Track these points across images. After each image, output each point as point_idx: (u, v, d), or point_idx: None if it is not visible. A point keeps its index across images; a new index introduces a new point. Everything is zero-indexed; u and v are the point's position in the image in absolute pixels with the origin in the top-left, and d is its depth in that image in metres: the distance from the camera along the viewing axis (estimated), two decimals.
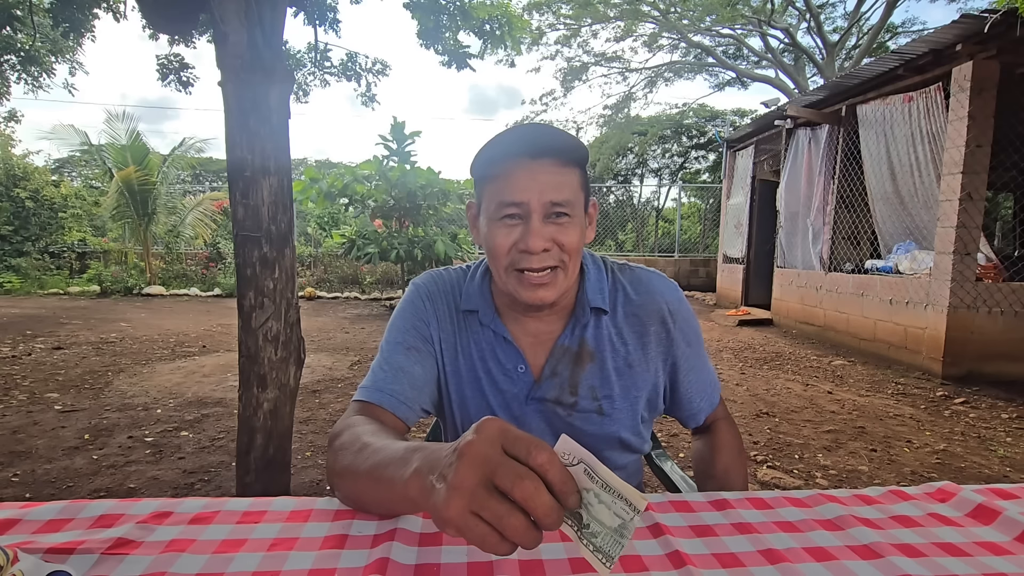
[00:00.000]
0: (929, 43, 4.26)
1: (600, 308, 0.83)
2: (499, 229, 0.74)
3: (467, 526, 0.39)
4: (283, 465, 1.96)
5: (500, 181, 0.73)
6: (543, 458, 0.40)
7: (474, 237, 0.82)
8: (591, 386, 0.82)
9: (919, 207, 4.81)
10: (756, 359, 4.97)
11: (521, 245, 0.72)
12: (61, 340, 5.35)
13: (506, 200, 0.73)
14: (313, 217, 10.48)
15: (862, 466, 2.61)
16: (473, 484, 0.39)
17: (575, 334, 0.83)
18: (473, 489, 0.39)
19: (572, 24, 14.16)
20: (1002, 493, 0.69)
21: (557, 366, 0.82)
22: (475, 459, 0.40)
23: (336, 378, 4.09)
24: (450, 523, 0.39)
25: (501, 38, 3.21)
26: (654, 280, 0.87)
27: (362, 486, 0.58)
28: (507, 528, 0.39)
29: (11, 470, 2.44)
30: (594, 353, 0.82)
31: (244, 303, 1.84)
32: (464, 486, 0.39)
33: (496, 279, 0.79)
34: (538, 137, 0.72)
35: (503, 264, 0.75)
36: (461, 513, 0.39)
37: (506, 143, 0.72)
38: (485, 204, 0.77)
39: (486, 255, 0.79)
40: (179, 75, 3.14)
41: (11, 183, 10.60)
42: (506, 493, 0.39)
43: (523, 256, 0.73)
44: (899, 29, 13.75)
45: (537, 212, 0.72)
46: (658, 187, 16.54)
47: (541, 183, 0.72)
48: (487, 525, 0.39)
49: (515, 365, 0.82)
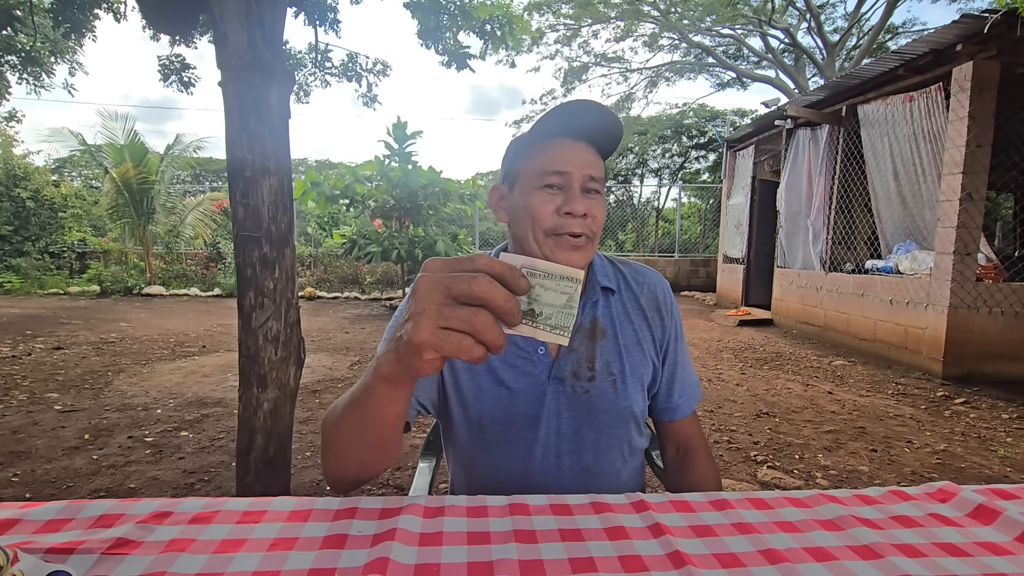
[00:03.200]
0: (929, 43, 4.26)
1: (608, 287, 0.88)
2: (541, 195, 0.78)
3: (441, 339, 0.43)
4: (283, 465, 1.97)
5: (543, 155, 0.79)
6: (483, 260, 0.44)
7: (499, 216, 0.86)
8: (606, 361, 0.85)
9: (921, 207, 4.81)
10: (756, 359, 4.97)
11: (566, 208, 0.77)
12: (61, 340, 5.35)
13: (550, 169, 0.78)
14: (313, 217, 10.49)
15: (862, 466, 2.61)
16: (434, 304, 0.43)
17: (587, 312, 0.86)
18: (436, 308, 0.43)
19: (572, 24, 14.15)
20: (1002, 493, 0.69)
21: (573, 342, 0.85)
22: (427, 286, 0.44)
23: (336, 378, 4.09)
24: (425, 344, 0.43)
25: (502, 38, 3.21)
26: (650, 272, 0.94)
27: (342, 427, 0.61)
28: (478, 325, 0.42)
29: (11, 470, 2.44)
30: (606, 330, 0.86)
31: (244, 303, 1.84)
32: (427, 309, 0.43)
33: (528, 247, 0.80)
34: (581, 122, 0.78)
35: (544, 227, 0.78)
36: (432, 331, 0.43)
37: (550, 123, 0.78)
38: (524, 177, 0.80)
39: (522, 224, 0.80)
40: (180, 75, 3.14)
41: (11, 183, 10.60)
42: (464, 297, 0.43)
43: (566, 220, 0.77)
44: (899, 29, 13.76)
45: (578, 182, 0.78)
46: (658, 187, 16.57)
47: (582, 159, 0.78)
48: (458, 332, 0.43)
49: (535, 347, 0.84)
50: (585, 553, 0.54)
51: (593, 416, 0.84)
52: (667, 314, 0.90)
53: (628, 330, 0.88)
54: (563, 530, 0.58)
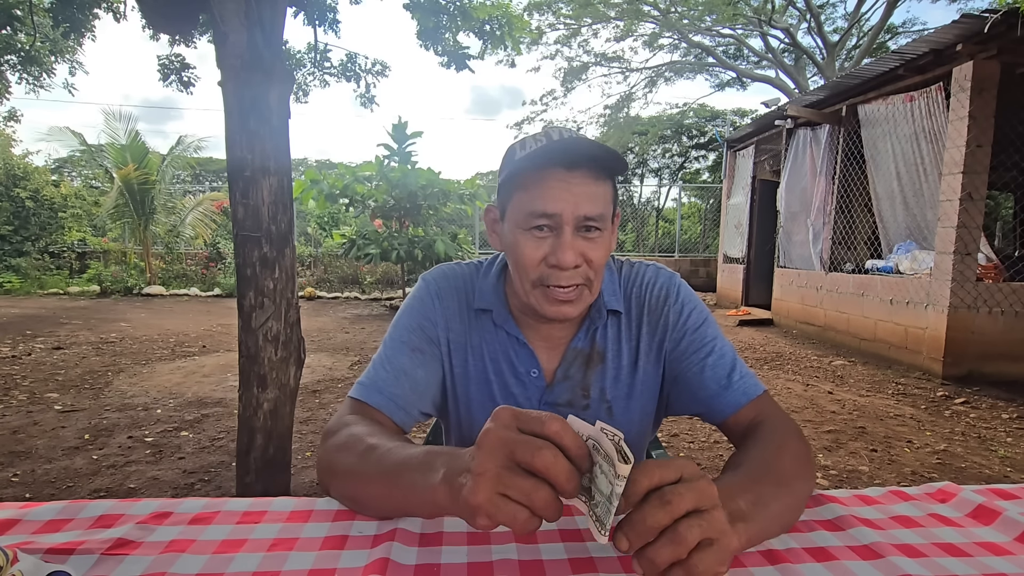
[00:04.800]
0: (929, 43, 4.26)
1: (615, 310, 0.82)
2: (528, 240, 0.70)
3: (497, 508, 0.41)
4: (283, 465, 1.97)
5: (532, 190, 0.69)
6: (556, 426, 0.42)
7: (492, 242, 0.80)
8: (601, 388, 0.81)
9: (922, 207, 4.81)
10: (756, 359, 4.97)
11: (552, 260, 0.69)
12: (61, 340, 5.35)
13: (538, 210, 0.68)
14: (313, 217, 10.48)
15: (862, 466, 2.61)
16: (496, 467, 0.41)
17: (588, 336, 0.82)
18: (497, 472, 0.41)
19: (572, 24, 14.15)
20: (1002, 493, 0.69)
21: (570, 369, 0.81)
22: (494, 443, 0.42)
23: (336, 378, 4.09)
24: (480, 509, 0.41)
25: (501, 38, 3.21)
26: (655, 273, 0.85)
27: (371, 490, 0.58)
28: (536, 501, 0.40)
29: (11, 470, 2.44)
30: (603, 354, 0.82)
31: (244, 303, 1.84)
32: (488, 471, 0.41)
33: (519, 290, 0.75)
34: (575, 147, 0.68)
35: (530, 277, 0.72)
36: (489, 497, 0.41)
37: (541, 151, 0.67)
38: (512, 211, 0.72)
39: (510, 265, 0.76)
40: (180, 75, 3.14)
41: (11, 183, 10.60)
42: (527, 466, 0.41)
43: (552, 272, 0.70)
44: (899, 29, 13.77)
45: (570, 225, 0.68)
46: (658, 187, 16.57)
47: (576, 195, 0.68)
48: (515, 503, 0.41)
49: (528, 369, 0.81)
50: (585, 553, 0.54)
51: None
52: (670, 309, 0.81)
53: (627, 350, 0.82)
54: (563, 530, 0.58)
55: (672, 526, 0.40)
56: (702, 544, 0.40)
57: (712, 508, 0.42)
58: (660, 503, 0.40)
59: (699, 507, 0.41)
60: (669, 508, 0.40)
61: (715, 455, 2.75)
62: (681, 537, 0.39)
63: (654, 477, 0.41)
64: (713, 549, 0.41)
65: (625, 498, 0.40)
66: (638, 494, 0.40)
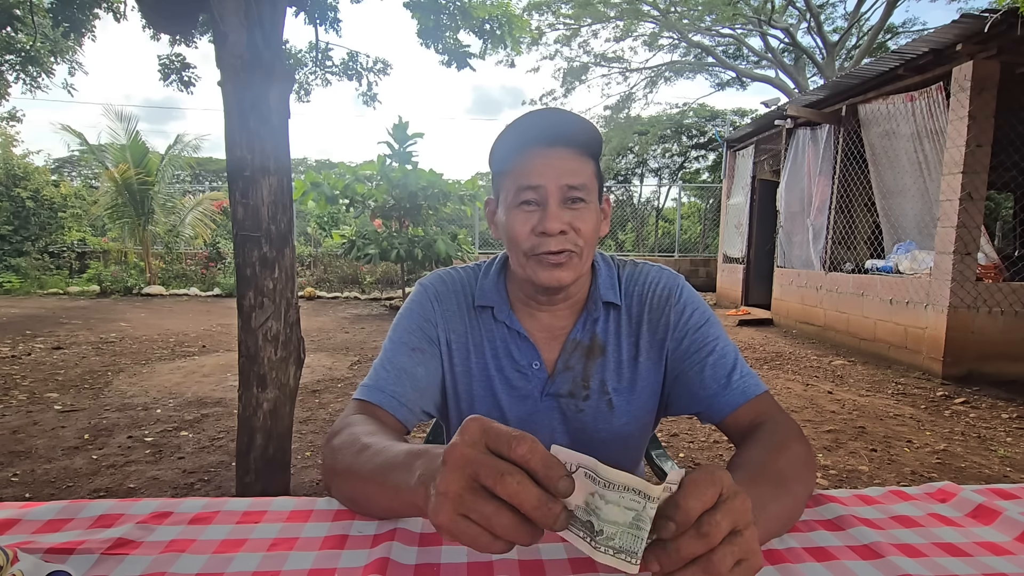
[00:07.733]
0: (929, 43, 4.26)
1: (611, 302, 0.83)
2: (518, 215, 0.75)
3: (459, 530, 0.39)
4: (283, 465, 1.97)
5: (517, 169, 0.75)
6: (523, 449, 0.38)
7: (493, 232, 0.83)
8: (601, 380, 0.82)
9: (922, 207, 4.81)
10: (756, 359, 4.97)
11: (539, 228, 0.73)
12: (61, 340, 5.35)
13: (523, 184, 0.73)
14: (313, 217, 10.48)
15: (862, 466, 2.61)
16: (458, 488, 0.39)
17: (587, 328, 0.83)
18: (459, 493, 0.39)
19: (572, 24, 14.15)
20: (1002, 493, 0.69)
21: (570, 360, 0.82)
22: (457, 463, 0.39)
23: (336, 378, 4.09)
24: (442, 528, 0.39)
25: (501, 38, 3.21)
26: (658, 274, 0.86)
27: (364, 489, 0.58)
28: (497, 528, 0.38)
29: (11, 470, 2.44)
30: (604, 346, 0.83)
31: (244, 303, 1.84)
32: (450, 491, 0.39)
33: (515, 267, 0.79)
34: (552, 125, 0.73)
35: (523, 249, 0.75)
36: (451, 518, 0.39)
37: (520, 132, 0.73)
38: (503, 195, 0.77)
39: (505, 245, 0.79)
40: (180, 75, 3.14)
41: (11, 183, 10.60)
42: (491, 490, 0.38)
43: (542, 240, 0.73)
44: (899, 29, 13.77)
45: (554, 196, 0.73)
46: (658, 187, 16.56)
47: (557, 168, 0.73)
48: (478, 526, 0.38)
49: (530, 362, 0.82)
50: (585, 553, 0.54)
51: (587, 434, 0.83)
52: (671, 309, 0.82)
53: (628, 345, 0.83)
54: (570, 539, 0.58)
55: (707, 554, 0.38)
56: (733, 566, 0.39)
57: (745, 528, 0.40)
58: (697, 535, 0.38)
59: (735, 528, 0.39)
60: (706, 540, 0.38)
61: (715, 455, 2.75)
62: (716, 568, 0.38)
63: (706, 500, 0.38)
64: (742, 568, 0.39)
65: (676, 524, 0.38)
66: (690, 520, 0.38)
